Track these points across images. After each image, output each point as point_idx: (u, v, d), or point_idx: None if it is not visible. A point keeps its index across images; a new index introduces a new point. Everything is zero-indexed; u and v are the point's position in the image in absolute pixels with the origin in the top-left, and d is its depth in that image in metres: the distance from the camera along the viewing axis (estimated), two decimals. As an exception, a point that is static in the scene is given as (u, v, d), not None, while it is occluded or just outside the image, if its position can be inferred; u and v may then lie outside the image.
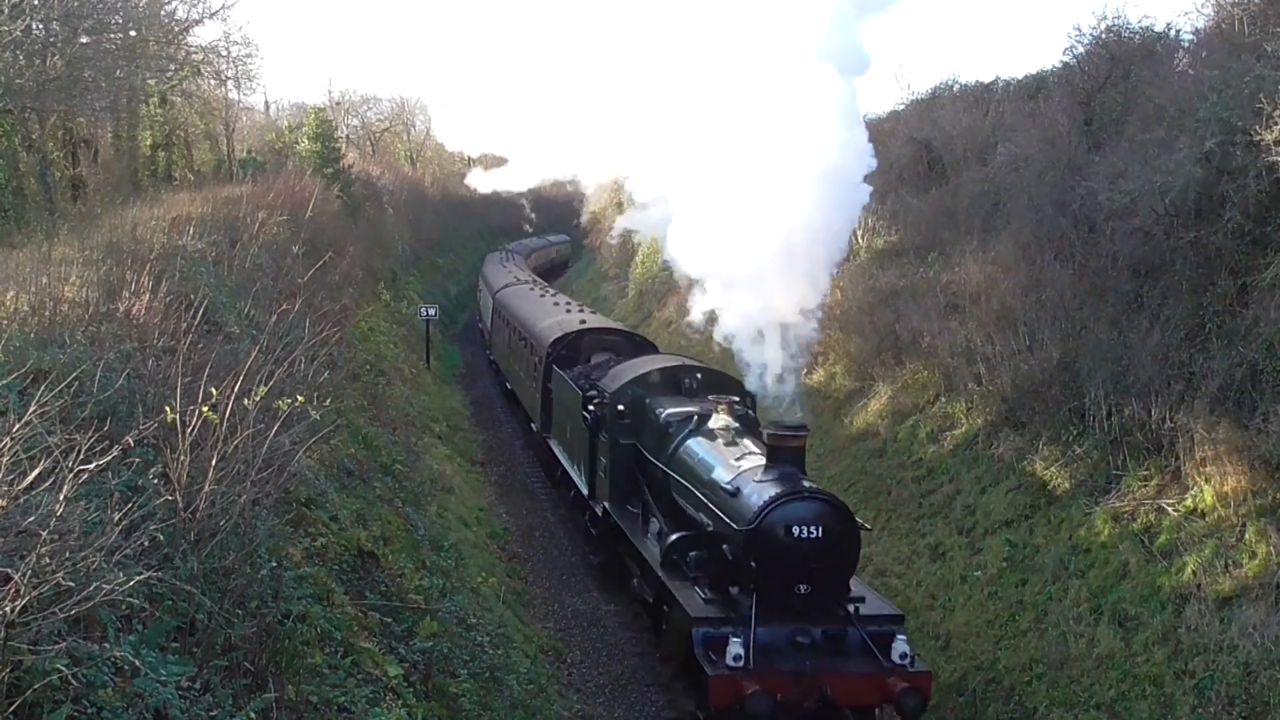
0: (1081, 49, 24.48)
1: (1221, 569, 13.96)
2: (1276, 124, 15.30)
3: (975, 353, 21.57)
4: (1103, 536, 16.07)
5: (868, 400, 25.43)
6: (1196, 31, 22.65)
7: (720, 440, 16.16)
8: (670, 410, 17.83)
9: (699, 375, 19.30)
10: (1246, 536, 14.04)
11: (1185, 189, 16.92)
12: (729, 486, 14.60)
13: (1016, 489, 18.56)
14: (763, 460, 14.68)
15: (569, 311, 30.94)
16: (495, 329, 39.25)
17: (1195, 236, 17.14)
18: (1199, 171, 16.77)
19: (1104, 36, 23.87)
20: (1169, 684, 13.36)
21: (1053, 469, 18.06)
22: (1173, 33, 23.91)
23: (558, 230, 74.34)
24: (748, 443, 15.95)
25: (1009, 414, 20.05)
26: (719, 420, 16.60)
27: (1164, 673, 13.54)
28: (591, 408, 20.53)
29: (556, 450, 24.52)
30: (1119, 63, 23.09)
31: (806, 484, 14.01)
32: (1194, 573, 14.24)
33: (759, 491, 13.95)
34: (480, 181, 56.34)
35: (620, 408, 19.13)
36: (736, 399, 17.06)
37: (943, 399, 22.64)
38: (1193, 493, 15.20)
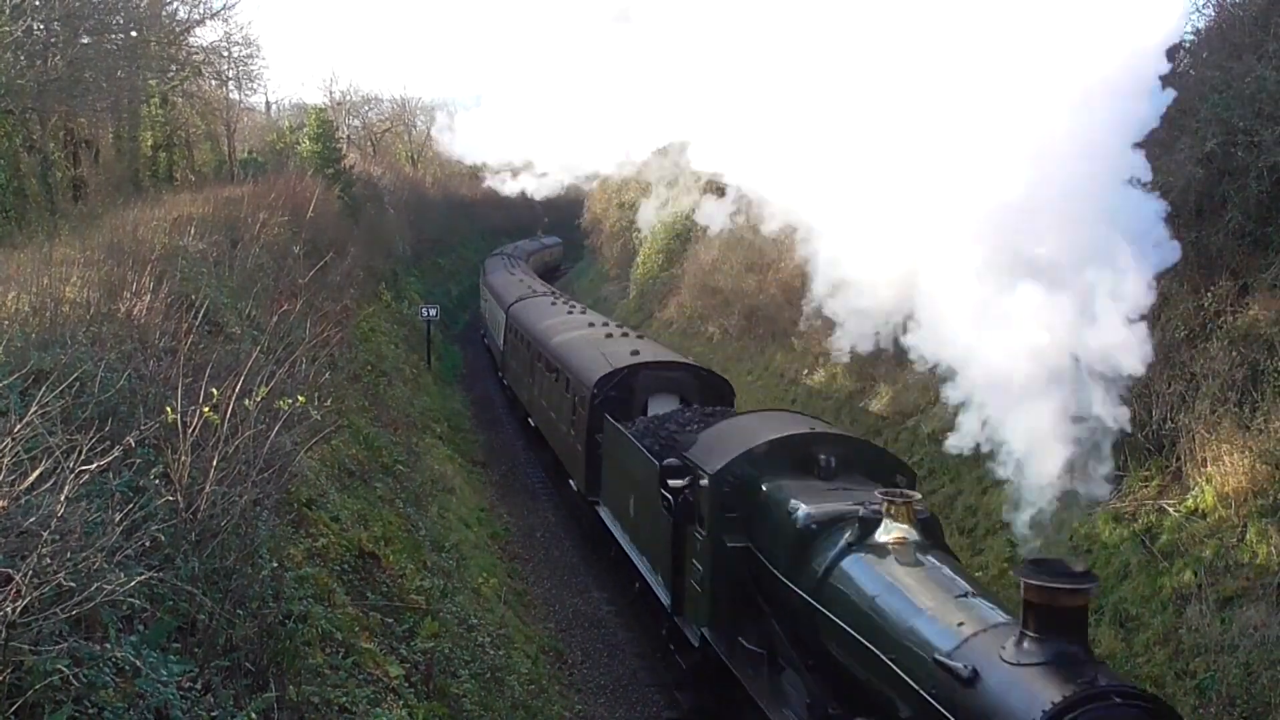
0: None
1: (1222, 569, 13.96)
2: None
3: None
4: (1104, 537, 16.07)
5: (869, 401, 25.43)
6: (1197, 32, 22.65)
7: (897, 562, 10.93)
8: (811, 508, 12.22)
9: (838, 449, 13.68)
10: (1247, 537, 14.04)
11: (1186, 189, 16.92)
12: (956, 665, 9.09)
13: (1017, 489, 18.54)
14: (998, 615, 9.72)
15: (610, 336, 25.26)
16: (511, 351, 33.46)
17: (1196, 236, 17.13)
18: (1200, 172, 16.77)
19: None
20: (1170, 684, 13.35)
21: (1054, 469, 18.03)
22: (1173, 33, 23.89)
23: (548, 232, 73.55)
24: (945, 569, 10.82)
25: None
26: (893, 529, 11.22)
27: (1165, 673, 13.53)
28: (676, 485, 14.99)
29: (612, 526, 19.00)
30: (1120, 63, 23.06)
31: (1104, 679, 8.55)
32: (1195, 573, 14.24)
33: (1023, 685, 8.56)
34: (507, 185, 56.03)
35: (726, 492, 13.54)
36: (917, 495, 11.83)
37: (944, 399, 22.61)
38: (1194, 493, 15.20)
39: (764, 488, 13.30)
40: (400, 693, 9.80)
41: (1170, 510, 15.34)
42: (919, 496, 11.82)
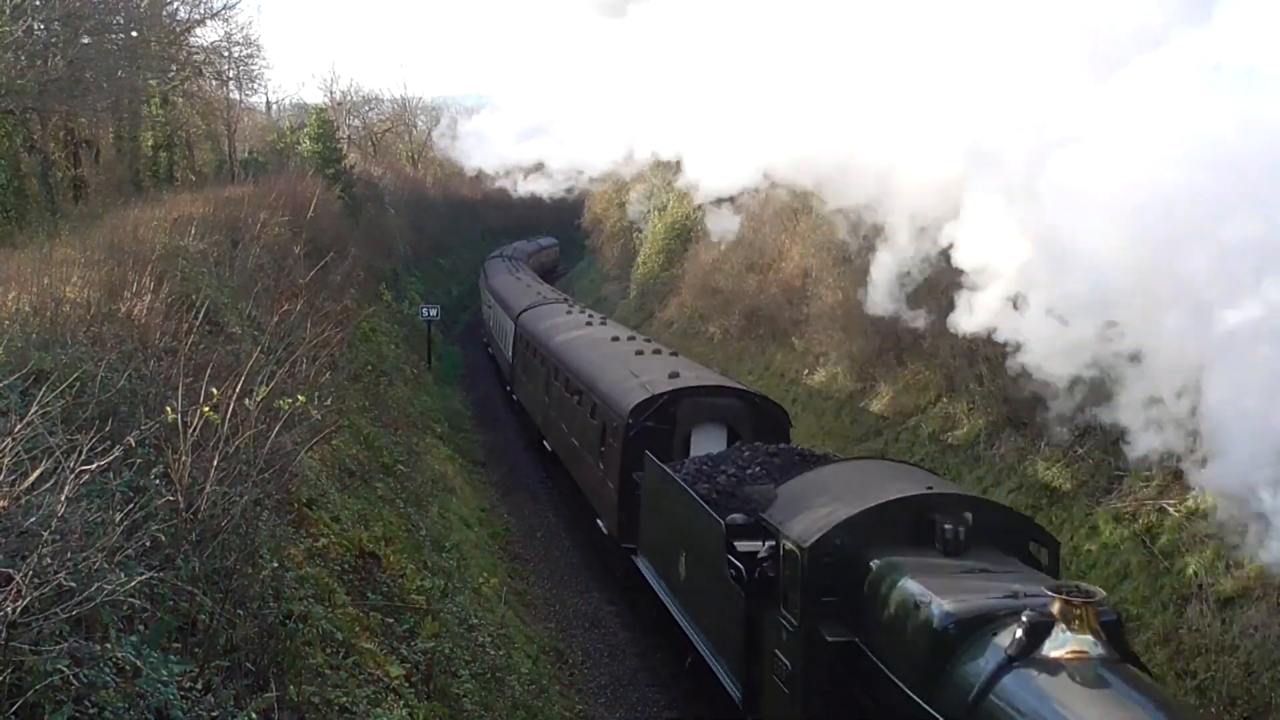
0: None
1: (1223, 569, 13.95)
2: None
3: (977, 353, 21.56)
4: (1105, 537, 16.07)
5: (869, 401, 25.43)
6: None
7: (1078, 684, 8.43)
8: (951, 604, 9.48)
9: (964, 513, 10.79)
10: (1248, 537, 14.02)
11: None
12: None
13: (1018, 489, 18.56)
14: None
15: (640, 354, 22.27)
16: (523, 364, 30.86)
17: (1197, 237, 17.12)
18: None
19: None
20: (1171, 685, 13.34)
21: (1054, 469, 18.06)
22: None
23: (535, 233, 72.67)
24: (1151, 703, 8.33)
25: (1011, 414, 20.04)
26: (1068, 640, 8.65)
27: (1165, 673, 13.53)
28: (747, 550, 12.59)
29: (655, 584, 16.21)
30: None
31: None
32: (1195, 573, 14.23)
33: None
34: (520, 186, 56.55)
35: (824, 569, 10.87)
36: (1100, 592, 9.01)
37: (944, 399, 22.63)
38: (1194, 493, 15.19)
39: (874, 565, 10.53)
40: (401, 693, 9.79)
41: (1171, 510, 15.34)
42: (1102, 594, 8.97)
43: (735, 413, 18.19)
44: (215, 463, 7.52)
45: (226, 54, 35.65)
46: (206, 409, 7.65)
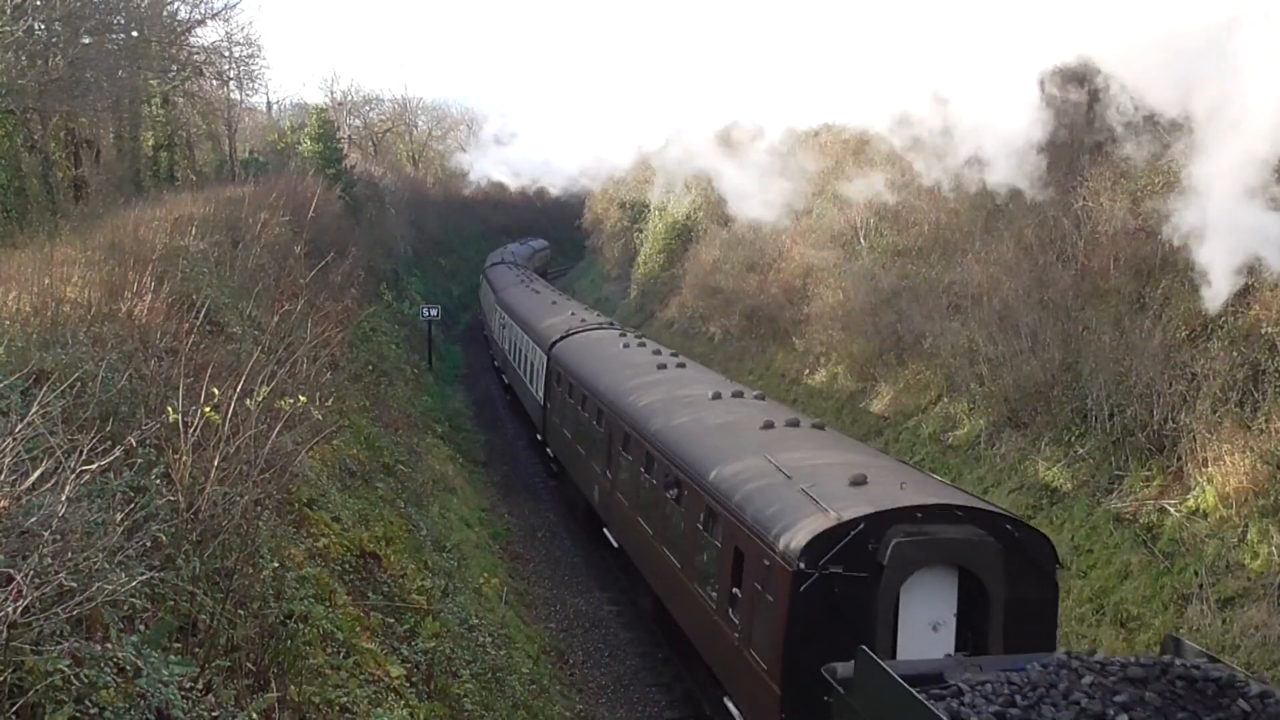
0: (1083, 49, 24.42)
1: (1224, 569, 13.96)
2: None
3: (977, 353, 21.58)
4: (1105, 537, 16.07)
5: (870, 401, 25.43)
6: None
7: None
8: None
9: None
10: (1249, 537, 14.04)
11: (1188, 189, 16.89)
12: None
13: (1019, 489, 18.55)
14: None
15: (771, 427, 14.87)
16: (563, 413, 23.95)
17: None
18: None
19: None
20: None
21: (1055, 469, 18.06)
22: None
23: (533, 233, 72.02)
24: None
25: (1011, 414, 20.05)
26: None
27: (1166, 673, 13.52)
28: None
29: None
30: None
31: None
32: (1196, 573, 14.23)
33: None
34: (550, 190, 57.10)
35: None
36: None
37: (945, 399, 22.64)
38: (1195, 493, 15.20)
39: None
40: (401, 693, 9.79)
41: (1171, 510, 15.34)
42: None
43: (975, 551, 10.95)
44: (216, 463, 7.52)
45: (227, 54, 35.68)
46: (207, 409, 7.65)
